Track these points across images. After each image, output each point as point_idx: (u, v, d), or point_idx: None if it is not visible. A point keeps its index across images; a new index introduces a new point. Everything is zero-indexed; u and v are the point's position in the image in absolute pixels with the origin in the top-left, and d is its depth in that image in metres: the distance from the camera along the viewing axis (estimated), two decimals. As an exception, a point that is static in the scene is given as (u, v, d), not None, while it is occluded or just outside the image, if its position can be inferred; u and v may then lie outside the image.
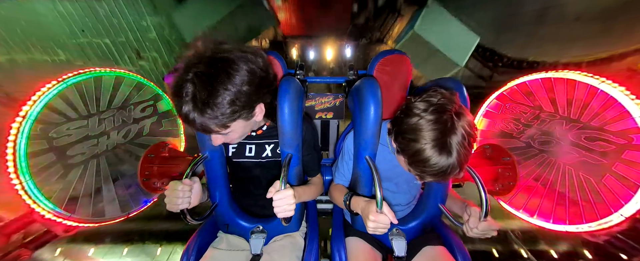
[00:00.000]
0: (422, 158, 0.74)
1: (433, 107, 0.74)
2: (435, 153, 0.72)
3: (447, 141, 0.71)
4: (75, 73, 1.20)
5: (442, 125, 0.71)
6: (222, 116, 0.71)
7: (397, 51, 1.24)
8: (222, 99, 0.69)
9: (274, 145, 1.03)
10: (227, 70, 0.69)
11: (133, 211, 1.40)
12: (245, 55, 0.74)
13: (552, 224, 1.19)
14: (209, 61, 0.70)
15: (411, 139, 0.75)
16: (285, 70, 1.22)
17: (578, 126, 1.15)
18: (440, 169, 0.73)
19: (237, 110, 0.73)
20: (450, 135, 0.71)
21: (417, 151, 0.74)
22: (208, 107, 0.69)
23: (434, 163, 0.73)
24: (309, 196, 1.05)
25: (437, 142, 0.71)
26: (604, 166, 1.08)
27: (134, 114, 1.46)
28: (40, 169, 1.07)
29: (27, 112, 1.04)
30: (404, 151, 0.79)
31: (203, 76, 0.68)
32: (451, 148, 0.71)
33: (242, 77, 0.71)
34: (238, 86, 0.70)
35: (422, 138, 0.73)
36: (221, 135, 0.80)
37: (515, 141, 1.37)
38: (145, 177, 1.28)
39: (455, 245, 1.04)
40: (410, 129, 0.76)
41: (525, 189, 1.30)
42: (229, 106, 0.70)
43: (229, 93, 0.69)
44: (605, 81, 1.08)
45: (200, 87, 0.68)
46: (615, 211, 1.03)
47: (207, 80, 0.68)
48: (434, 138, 0.71)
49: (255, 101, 0.78)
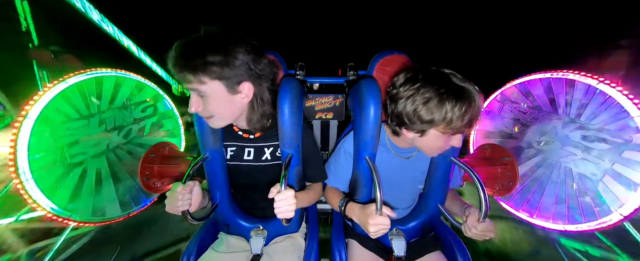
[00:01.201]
0: (453, 119, 0.75)
1: (420, 81, 0.77)
2: (465, 91, 0.74)
3: (455, 81, 0.75)
4: (77, 73, 1.20)
5: (441, 78, 0.76)
6: (202, 64, 0.74)
7: (397, 51, 1.24)
8: (204, 50, 0.74)
9: (273, 148, 1.03)
10: (218, 35, 0.77)
11: (133, 211, 1.40)
12: (244, 38, 0.80)
13: (552, 223, 1.19)
14: (209, 30, 0.78)
15: (437, 107, 0.76)
16: (285, 70, 1.23)
17: (577, 126, 1.16)
18: (474, 113, 0.75)
19: (217, 67, 0.76)
20: (451, 78, 0.75)
21: (461, 114, 0.75)
22: (190, 52, 0.74)
23: (468, 97, 0.74)
24: (307, 202, 1.05)
25: (457, 97, 0.74)
26: (603, 165, 1.08)
27: (135, 114, 1.46)
28: (41, 169, 1.08)
29: (29, 111, 1.04)
30: (448, 124, 0.78)
31: (198, 35, 0.76)
32: (456, 76, 0.76)
33: (234, 48, 0.77)
34: (226, 51, 0.75)
35: (446, 101, 0.74)
36: (199, 97, 0.81)
37: (514, 141, 1.38)
38: (145, 177, 1.28)
39: (455, 245, 1.04)
40: (433, 105, 0.76)
41: (524, 189, 1.30)
42: (211, 59, 0.74)
43: (215, 49, 0.74)
44: (603, 81, 1.08)
45: (191, 40, 0.75)
46: (615, 211, 1.03)
47: (200, 37, 0.76)
48: (451, 88, 0.74)
49: (242, 76, 0.80)
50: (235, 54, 0.77)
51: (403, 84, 0.81)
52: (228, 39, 0.77)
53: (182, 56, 0.75)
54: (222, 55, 0.75)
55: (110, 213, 1.30)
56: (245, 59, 0.79)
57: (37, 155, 1.07)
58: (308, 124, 1.06)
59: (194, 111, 0.84)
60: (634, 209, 0.99)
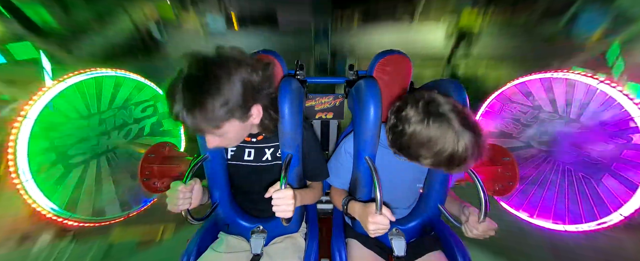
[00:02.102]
0: (455, 159, 0.73)
1: (425, 121, 0.74)
2: (458, 146, 0.71)
3: (456, 129, 0.71)
4: (77, 73, 1.20)
5: (445, 123, 0.72)
6: (213, 116, 0.70)
7: (397, 51, 1.24)
8: (213, 100, 0.68)
9: (274, 149, 1.03)
10: (217, 72, 0.69)
11: (133, 211, 1.40)
12: (238, 58, 0.73)
13: (552, 224, 1.19)
14: (202, 64, 0.70)
15: (435, 154, 0.74)
16: (285, 70, 1.23)
17: (577, 126, 1.16)
18: (476, 146, 0.73)
19: (229, 111, 0.72)
20: (454, 124, 0.71)
21: (452, 155, 0.73)
22: (197, 108, 0.68)
23: (462, 152, 0.72)
24: (307, 200, 1.05)
25: (454, 137, 0.71)
26: (602, 165, 1.08)
27: (134, 114, 1.46)
28: (41, 169, 1.08)
29: (28, 112, 1.04)
30: (436, 165, 0.78)
31: (194, 78, 0.68)
32: (464, 132, 0.71)
33: (234, 78, 0.70)
34: (229, 87, 0.70)
35: (443, 148, 0.72)
36: (216, 136, 0.78)
37: (514, 141, 1.38)
38: (145, 177, 1.28)
39: (455, 245, 1.04)
40: (427, 149, 0.75)
41: (524, 190, 1.30)
42: (220, 106, 0.70)
43: (219, 94, 0.69)
44: (604, 81, 1.08)
45: (191, 89, 0.68)
46: (615, 211, 1.03)
47: (197, 82, 0.68)
48: (451, 137, 0.71)
49: (250, 102, 0.76)
50: (239, 89, 0.71)
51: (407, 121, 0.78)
52: (228, 71, 0.70)
53: (193, 115, 0.69)
54: (230, 100, 0.70)
55: (110, 213, 1.30)
56: (249, 86, 0.74)
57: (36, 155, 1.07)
58: (308, 124, 1.06)
59: (213, 147, 0.82)
60: (635, 210, 0.99)
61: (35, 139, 1.06)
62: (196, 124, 0.70)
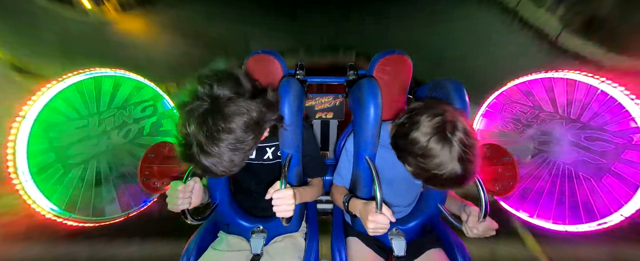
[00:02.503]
0: (437, 181, 0.76)
1: (429, 136, 0.74)
2: (446, 172, 0.74)
3: (453, 158, 0.73)
4: (76, 73, 1.20)
5: (446, 148, 0.73)
6: (239, 165, 0.74)
7: (397, 51, 1.24)
8: (231, 157, 0.70)
9: (275, 148, 1.03)
10: (225, 135, 0.68)
11: (133, 211, 1.40)
12: (240, 110, 0.71)
13: (552, 224, 1.19)
14: (206, 127, 0.68)
15: (421, 168, 0.77)
16: (285, 70, 1.22)
17: (578, 126, 1.15)
18: (453, 181, 0.75)
19: (247, 152, 0.75)
20: (454, 153, 0.73)
21: (431, 176, 0.76)
22: (221, 166, 0.70)
23: (445, 178, 0.75)
24: (309, 197, 1.05)
25: (447, 164, 0.73)
26: (603, 165, 1.08)
27: (134, 114, 1.46)
28: (40, 169, 1.08)
29: (27, 112, 1.04)
30: (417, 176, 0.81)
31: (206, 145, 0.68)
32: (459, 163, 0.73)
33: (241, 135, 0.70)
34: (240, 142, 0.71)
35: (432, 167, 0.74)
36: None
37: (515, 141, 1.37)
38: (145, 177, 1.28)
39: (455, 244, 1.04)
40: (417, 160, 0.77)
41: (524, 189, 1.30)
42: (241, 156, 0.72)
43: (235, 152, 0.70)
44: (605, 81, 1.08)
45: (208, 156, 0.68)
46: (615, 211, 1.03)
47: (211, 149, 0.68)
48: (444, 162, 0.73)
49: (260, 136, 0.78)
50: (250, 135, 0.72)
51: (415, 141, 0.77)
52: (236, 124, 0.69)
53: (224, 171, 0.72)
54: (247, 145, 0.72)
55: (110, 213, 1.30)
56: (255, 129, 0.74)
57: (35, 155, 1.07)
58: (308, 124, 1.06)
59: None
60: (635, 210, 0.98)
61: (35, 139, 1.06)
62: (229, 171, 0.73)
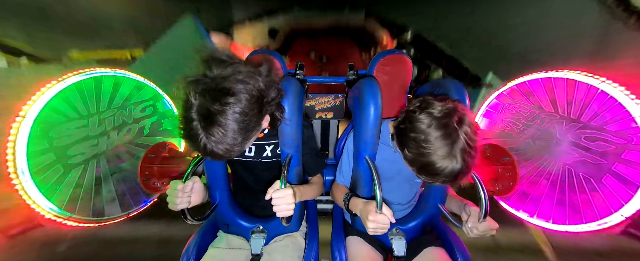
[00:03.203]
0: (433, 170, 0.75)
1: (437, 122, 0.74)
2: (444, 163, 0.73)
3: (456, 154, 0.73)
4: (76, 73, 1.20)
5: (450, 138, 0.73)
6: (241, 143, 0.73)
7: (397, 51, 1.24)
8: (235, 133, 0.70)
9: (274, 145, 1.03)
10: (230, 103, 0.69)
11: (133, 211, 1.40)
12: (243, 80, 0.72)
13: (552, 224, 1.19)
14: (210, 97, 0.69)
15: (420, 154, 0.76)
16: (285, 70, 1.22)
17: (578, 126, 1.15)
18: (449, 174, 0.75)
19: (251, 132, 0.75)
20: (457, 145, 0.73)
21: (428, 163, 0.75)
22: (223, 143, 0.70)
23: (446, 173, 0.74)
24: (309, 195, 1.05)
25: (447, 155, 0.73)
26: (603, 166, 1.08)
27: (134, 114, 1.46)
28: (40, 169, 1.07)
29: (27, 112, 1.04)
30: (413, 162, 0.80)
31: (212, 114, 0.68)
32: (460, 156, 0.73)
33: (245, 105, 0.71)
34: (244, 115, 0.71)
35: (432, 154, 0.74)
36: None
37: (515, 141, 1.37)
38: (145, 177, 1.28)
39: (455, 244, 1.04)
40: (418, 145, 0.76)
41: (525, 189, 1.30)
42: (243, 134, 0.72)
43: (239, 124, 0.71)
44: (605, 81, 1.08)
45: (209, 126, 0.68)
46: (615, 211, 1.03)
47: (215, 119, 0.68)
48: (444, 152, 0.73)
49: (262, 117, 0.79)
50: (254, 110, 0.73)
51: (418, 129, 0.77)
52: (239, 100, 0.70)
53: (225, 153, 0.72)
54: (250, 127, 0.73)
55: (110, 213, 1.30)
56: (259, 102, 0.75)
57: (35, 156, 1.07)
58: (308, 123, 1.07)
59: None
60: (635, 210, 0.98)
61: (35, 139, 1.06)
62: (225, 155, 0.73)
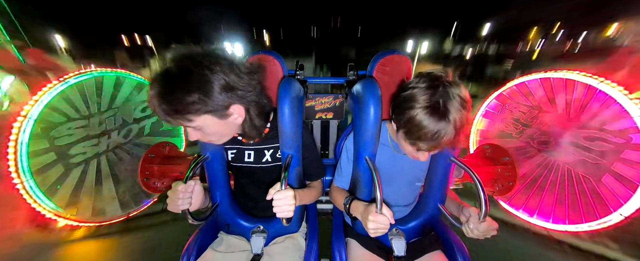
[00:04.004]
0: (415, 123, 0.76)
1: (426, 77, 0.77)
2: (427, 116, 0.74)
3: (439, 103, 0.73)
4: (77, 73, 1.20)
5: (434, 89, 0.74)
6: (181, 108, 0.72)
7: (397, 51, 1.24)
8: (181, 92, 0.71)
9: (274, 150, 1.03)
10: (191, 67, 0.71)
11: (133, 210, 1.40)
12: (215, 56, 0.75)
13: (552, 224, 1.19)
14: (179, 59, 0.73)
15: (406, 107, 0.78)
16: (285, 71, 1.23)
17: (577, 126, 1.16)
18: (433, 132, 0.74)
19: (200, 105, 0.73)
20: (442, 98, 0.73)
21: (411, 117, 0.76)
22: (165, 98, 0.71)
23: (426, 125, 0.74)
24: (308, 199, 1.05)
25: (429, 105, 0.74)
26: (603, 165, 1.08)
27: (135, 114, 1.46)
28: (41, 169, 1.08)
29: (29, 112, 1.04)
30: (400, 120, 0.81)
31: (169, 71, 0.71)
32: (444, 110, 0.73)
33: (207, 74, 0.72)
34: (200, 82, 0.72)
35: (415, 103, 0.75)
36: (195, 130, 0.80)
37: (514, 141, 1.38)
38: (145, 177, 1.28)
39: (455, 245, 1.04)
40: (405, 99, 0.79)
41: (524, 189, 1.30)
42: (189, 100, 0.71)
43: (189, 87, 0.71)
44: (604, 80, 1.08)
45: (164, 81, 0.71)
46: (615, 211, 1.03)
47: (171, 75, 0.71)
48: (427, 101, 0.74)
49: (226, 100, 0.77)
50: (212, 84, 0.72)
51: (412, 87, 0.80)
52: (201, 67, 0.71)
53: (161, 102, 0.71)
54: (199, 92, 0.71)
55: (110, 213, 1.30)
56: (224, 84, 0.74)
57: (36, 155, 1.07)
58: (306, 125, 1.07)
59: (194, 140, 0.84)
60: (635, 210, 0.98)
61: (35, 139, 1.06)
62: (164, 113, 0.73)
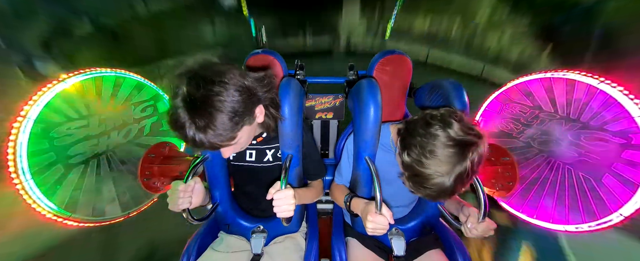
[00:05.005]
0: (425, 182, 0.74)
1: (457, 143, 0.71)
2: (438, 180, 0.72)
3: (454, 171, 0.71)
4: (77, 73, 1.20)
5: (458, 161, 0.71)
6: (226, 132, 0.72)
7: (397, 51, 1.24)
8: (222, 116, 0.69)
9: (275, 150, 1.03)
10: (215, 88, 0.69)
11: (133, 210, 1.40)
12: (225, 70, 0.73)
13: (552, 224, 1.19)
14: (196, 83, 0.69)
15: (419, 162, 0.73)
16: (285, 70, 1.22)
17: (577, 125, 1.16)
18: (435, 191, 0.74)
19: (239, 121, 0.73)
20: (458, 168, 0.71)
21: (423, 174, 0.73)
22: (210, 129, 0.69)
23: (433, 185, 0.73)
24: (308, 198, 1.05)
25: (445, 173, 0.71)
26: (603, 165, 1.08)
27: (135, 114, 1.46)
28: (40, 169, 1.08)
29: (28, 112, 1.04)
30: (407, 166, 0.78)
31: (195, 100, 0.68)
32: (454, 178, 0.71)
33: (230, 89, 0.71)
34: (230, 99, 0.71)
35: (432, 167, 0.72)
36: (230, 146, 0.79)
37: (514, 141, 1.38)
38: (145, 177, 1.28)
39: (455, 244, 1.04)
40: (422, 153, 0.73)
41: (524, 190, 1.30)
42: (230, 120, 0.71)
43: (225, 108, 0.70)
44: (604, 80, 1.08)
45: (197, 111, 0.68)
46: (615, 211, 1.03)
47: (200, 103, 0.68)
48: (444, 170, 0.71)
49: (252, 105, 0.78)
50: (238, 97, 0.72)
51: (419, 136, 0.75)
52: (223, 85, 0.70)
53: (208, 137, 0.70)
54: (235, 111, 0.71)
55: (110, 213, 1.30)
56: (245, 91, 0.74)
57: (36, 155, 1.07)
58: (307, 125, 1.07)
59: (228, 156, 0.84)
60: (635, 210, 0.98)
61: (35, 139, 1.06)
62: (214, 143, 0.72)
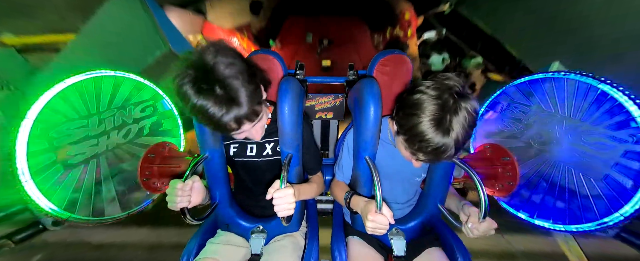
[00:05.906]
0: (417, 132, 0.73)
1: (437, 85, 0.73)
2: (431, 129, 0.71)
3: (445, 118, 0.70)
4: (76, 73, 1.20)
5: (443, 102, 0.71)
6: (250, 102, 0.73)
7: (397, 51, 1.24)
8: (239, 86, 0.70)
9: (274, 143, 1.04)
10: (219, 65, 0.70)
11: (133, 210, 1.40)
12: (229, 50, 0.75)
13: (552, 224, 1.19)
14: (203, 72, 0.69)
15: (410, 114, 0.75)
16: (285, 70, 1.22)
17: (578, 126, 1.15)
18: (434, 146, 0.73)
19: (254, 90, 0.75)
20: (449, 113, 0.70)
21: (414, 125, 0.73)
22: (234, 103, 0.70)
23: (429, 138, 0.72)
24: (309, 194, 1.05)
25: (435, 118, 0.71)
26: (603, 165, 1.08)
27: (134, 114, 1.46)
28: (40, 169, 1.08)
29: (27, 112, 1.04)
30: (402, 126, 0.79)
31: (209, 79, 0.69)
32: (449, 125, 0.71)
33: (238, 64, 0.73)
34: (243, 69, 0.73)
35: (421, 112, 0.72)
36: (250, 123, 0.79)
37: (515, 141, 1.37)
38: (145, 177, 1.28)
39: (455, 244, 1.04)
40: (411, 104, 0.75)
41: (525, 190, 1.30)
42: (247, 90, 0.72)
43: (238, 79, 0.71)
44: (605, 81, 1.08)
45: (217, 87, 0.68)
46: (615, 211, 1.03)
47: (224, 87, 0.69)
48: (433, 113, 0.71)
49: (256, 84, 0.79)
50: (246, 74, 0.74)
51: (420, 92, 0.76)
52: (225, 65, 0.70)
53: (239, 114, 0.72)
54: (243, 80, 0.72)
55: (110, 213, 1.30)
56: (246, 69, 0.76)
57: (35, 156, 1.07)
58: (307, 122, 1.07)
59: (242, 138, 0.88)
60: (635, 210, 0.98)
61: (35, 139, 1.06)
62: (239, 117, 0.72)
